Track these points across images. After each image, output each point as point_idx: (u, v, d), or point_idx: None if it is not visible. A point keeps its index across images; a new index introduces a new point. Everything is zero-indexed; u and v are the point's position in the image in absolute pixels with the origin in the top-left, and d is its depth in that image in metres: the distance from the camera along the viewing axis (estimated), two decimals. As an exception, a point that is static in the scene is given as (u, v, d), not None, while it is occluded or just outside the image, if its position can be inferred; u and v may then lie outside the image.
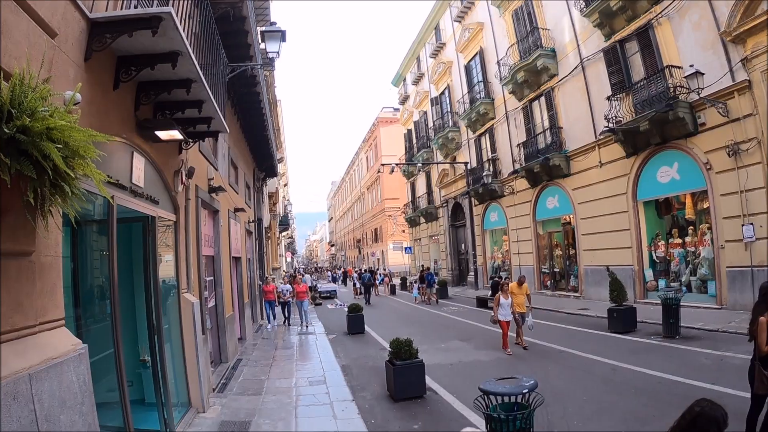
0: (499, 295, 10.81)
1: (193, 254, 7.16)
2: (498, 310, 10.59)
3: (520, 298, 11.04)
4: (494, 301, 10.92)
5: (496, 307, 10.68)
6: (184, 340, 6.40)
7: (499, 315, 10.55)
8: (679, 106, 12.95)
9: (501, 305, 10.62)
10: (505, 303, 10.64)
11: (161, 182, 6.10)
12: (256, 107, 13.01)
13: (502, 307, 10.60)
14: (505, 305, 10.62)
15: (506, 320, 10.54)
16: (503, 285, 11.11)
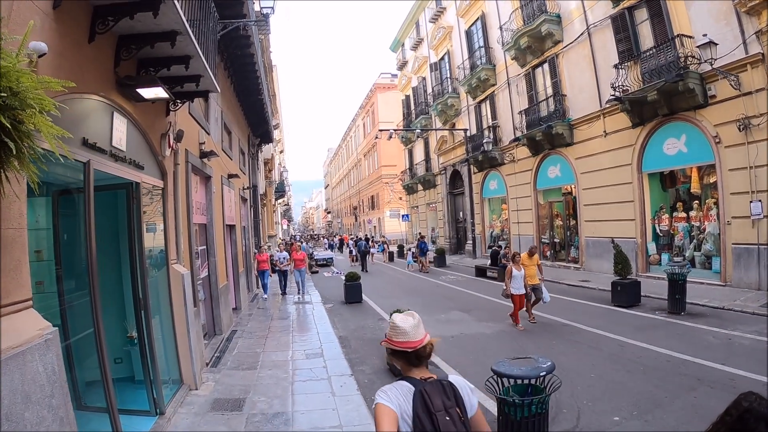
0: (510, 266, 10.08)
1: (183, 223, 6.77)
2: (510, 283, 9.89)
3: (531, 269, 10.36)
4: (506, 273, 10.12)
5: (508, 279, 9.94)
6: (174, 314, 6.07)
7: (512, 288, 9.87)
8: (689, 77, 12.46)
9: (513, 277, 9.89)
10: (518, 275, 9.92)
11: (146, 146, 5.66)
12: (250, 69, 12.45)
13: (515, 279, 9.89)
14: (518, 277, 9.92)
15: (519, 293, 9.91)
16: (515, 255, 10.40)
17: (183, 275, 6.04)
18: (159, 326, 6.09)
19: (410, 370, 2.25)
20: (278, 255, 16.36)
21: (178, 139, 6.55)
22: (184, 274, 6.09)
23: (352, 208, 68.96)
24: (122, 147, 4.78)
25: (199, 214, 8.50)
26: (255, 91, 13.98)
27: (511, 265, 10.07)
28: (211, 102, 9.63)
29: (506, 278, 10.04)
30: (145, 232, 5.25)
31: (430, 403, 2.07)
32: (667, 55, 13.40)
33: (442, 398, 2.11)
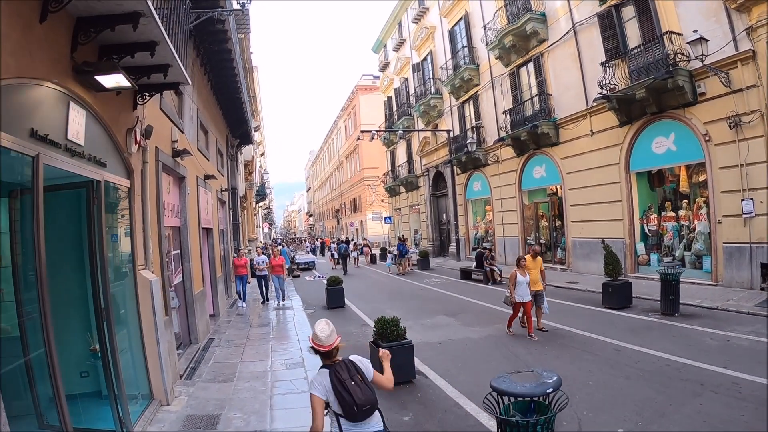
0: (515, 271, 9.20)
1: (153, 225, 6.28)
2: (515, 290, 9.05)
3: (534, 273, 9.43)
4: (510, 278, 9.28)
5: (512, 285, 9.11)
6: (143, 324, 5.57)
7: (517, 296, 9.01)
8: (678, 74, 12.29)
9: (518, 283, 9.03)
10: (523, 281, 9.05)
11: (110, 141, 5.17)
12: (228, 66, 11.96)
13: (520, 286, 9.02)
14: (523, 283, 9.05)
15: (524, 301, 9.02)
16: (520, 259, 9.47)
17: (151, 282, 5.55)
18: (126, 337, 5.60)
19: (326, 360, 3.42)
20: (257, 259, 15.41)
21: (147, 136, 6.06)
22: (153, 280, 5.59)
23: (334, 211, 68.37)
24: (80, 141, 4.30)
25: (172, 217, 8.00)
26: (233, 89, 13.47)
27: (516, 270, 9.23)
28: (186, 99, 9.13)
29: (510, 284, 9.26)
30: (106, 235, 4.75)
31: (339, 376, 3.23)
32: (655, 52, 13.23)
33: (346, 371, 3.28)
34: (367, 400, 3.22)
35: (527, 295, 9.05)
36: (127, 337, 5.58)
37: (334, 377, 3.23)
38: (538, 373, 3.72)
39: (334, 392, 3.21)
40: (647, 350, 7.63)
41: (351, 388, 3.19)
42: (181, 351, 8.23)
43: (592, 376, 6.64)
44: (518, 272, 9.14)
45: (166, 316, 6.46)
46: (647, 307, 10.90)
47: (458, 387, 6.42)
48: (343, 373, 3.26)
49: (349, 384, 3.21)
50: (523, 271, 9.19)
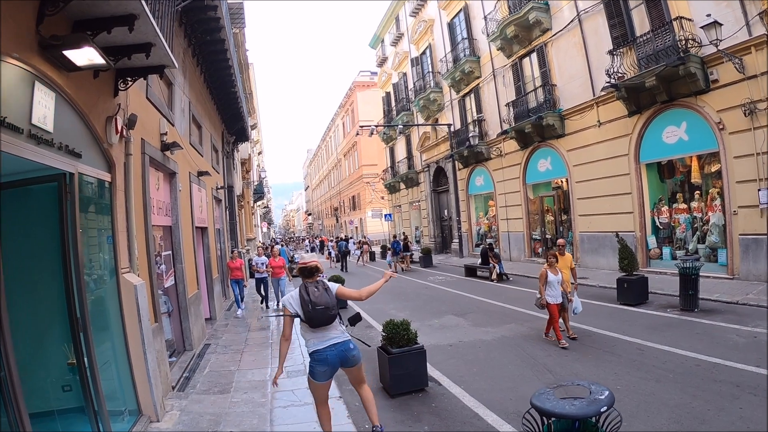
0: (545, 269, 8.22)
1: (139, 224, 5.74)
2: (545, 290, 8.13)
3: (564, 272, 8.55)
4: (540, 278, 8.26)
5: (542, 285, 8.14)
6: (128, 334, 5.04)
7: (548, 297, 8.09)
8: (690, 60, 11.83)
9: (549, 283, 8.13)
10: (554, 280, 8.14)
11: (86, 130, 4.63)
12: (222, 58, 11.44)
13: (551, 285, 8.13)
14: (555, 283, 8.14)
15: (557, 303, 8.09)
16: (549, 256, 8.44)
17: (136, 286, 5.00)
18: (111, 348, 5.07)
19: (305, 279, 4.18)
20: (257, 259, 14.29)
21: (131, 126, 5.51)
22: (138, 285, 5.05)
23: (333, 210, 67.85)
24: (47, 127, 3.76)
25: (161, 215, 7.45)
26: (228, 82, 12.94)
27: (546, 268, 8.24)
28: (176, 90, 8.59)
29: (540, 284, 8.24)
30: (81, 235, 4.21)
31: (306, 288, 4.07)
32: (665, 39, 12.71)
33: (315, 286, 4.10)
34: (322, 302, 3.98)
35: (560, 295, 8.15)
36: (111, 348, 5.05)
37: (304, 289, 4.09)
38: (584, 386, 3.18)
39: (300, 301, 4.03)
40: (673, 349, 7.14)
41: (311, 292, 4.03)
42: (174, 359, 7.71)
43: (620, 380, 6.11)
44: (549, 270, 8.17)
45: (155, 323, 5.92)
46: (664, 302, 10.44)
47: (476, 395, 5.88)
48: (311, 287, 4.12)
49: (311, 289, 4.06)
50: (555, 270, 8.24)
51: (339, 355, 4.10)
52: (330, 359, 4.07)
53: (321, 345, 4.06)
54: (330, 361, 4.08)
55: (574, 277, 8.98)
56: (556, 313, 8.03)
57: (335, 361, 4.13)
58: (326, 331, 4.04)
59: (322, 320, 3.98)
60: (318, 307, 3.93)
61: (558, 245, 9.51)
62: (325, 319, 3.98)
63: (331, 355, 4.06)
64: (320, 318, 3.96)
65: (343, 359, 4.15)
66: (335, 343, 4.07)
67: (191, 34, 9.96)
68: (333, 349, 4.07)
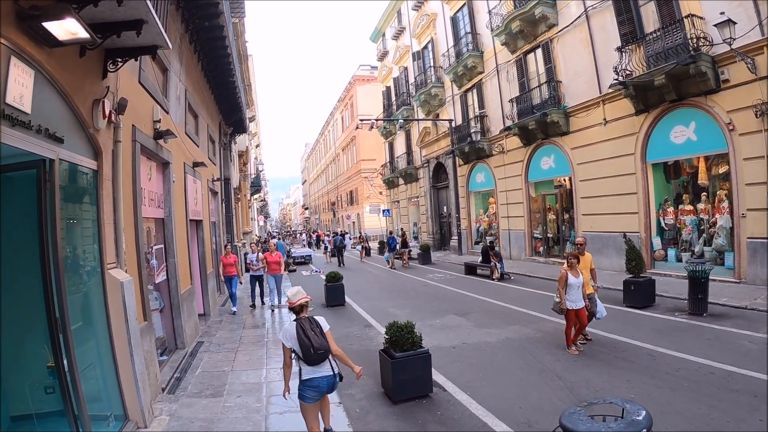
0: (565, 271, 7.51)
1: (128, 216, 5.39)
2: (565, 294, 7.43)
3: (584, 274, 7.85)
4: (559, 280, 7.58)
5: (562, 288, 7.44)
6: (113, 334, 4.69)
7: (568, 302, 7.40)
8: (701, 59, 11.49)
9: (569, 286, 7.42)
10: (575, 283, 7.42)
11: (70, 113, 4.27)
12: (220, 45, 11.05)
13: (571, 289, 7.41)
14: (576, 287, 7.43)
15: (577, 308, 7.42)
16: (570, 257, 7.71)
17: (123, 283, 4.66)
18: (95, 349, 4.73)
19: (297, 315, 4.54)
20: (251, 256, 13.36)
21: (120, 110, 5.16)
22: (124, 281, 4.70)
23: (330, 204, 67.47)
24: (24, 108, 3.41)
25: (153, 207, 7.09)
26: (226, 71, 12.55)
27: (566, 270, 7.54)
28: (171, 76, 8.21)
29: (560, 287, 7.51)
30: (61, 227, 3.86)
31: (303, 326, 4.36)
32: (674, 36, 12.40)
33: (309, 325, 4.41)
34: (321, 346, 4.29)
35: (580, 300, 7.46)
36: (96, 349, 4.71)
37: (299, 327, 4.34)
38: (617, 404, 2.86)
39: (297, 339, 4.29)
40: (685, 356, 6.85)
41: (311, 336, 4.29)
42: (165, 357, 7.38)
43: (633, 388, 5.81)
44: (569, 273, 7.47)
45: (144, 322, 5.58)
46: (671, 305, 10.15)
47: (483, 403, 5.56)
48: (306, 325, 4.39)
49: (310, 333, 4.30)
50: (576, 272, 7.55)
51: (328, 383, 4.44)
52: (321, 387, 4.41)
53: (315, 375, 4.37)
54: (321, 389, 4.42)
55: (594, 279, 8.36)
56: (573, 320, 7.46)
57: (325, 389, 4.46)
58: (321, 365, 4.36)
59: (320, 360, 4.32)
60: (319, 351, 4.27)
61: (577, 244, 8.67)
62: (322, 359, 4.33)
63: (322, 384, 4.40)
64: (319, 359, 4.31)
65: (330, 386, 4.49)
66: (327, 375, 4.39)
67: (188, 19, 9.57)
68: (324, 380, 4.40)
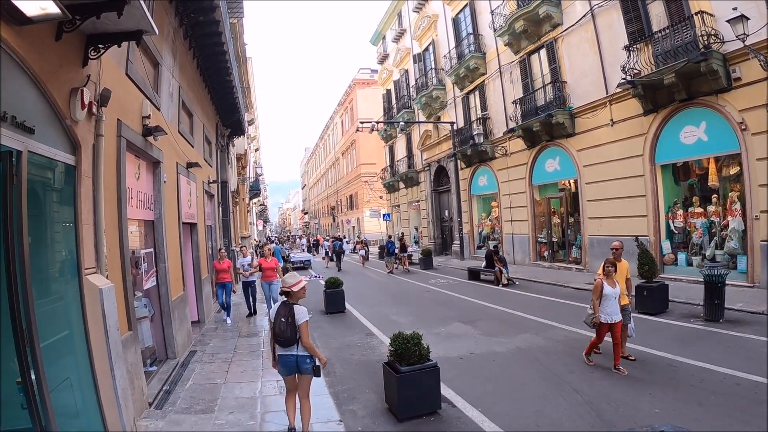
0: (600, 280, 6.70)
1: (110, 216, 4.97)
2: (600, 306, 6.63)
3: (620, 283, 7.01)
4: (594, 290, 6.75)
5: (596, 299, 6.64)
6: (92, 346, 4.26)
7: (603, 314, 6.59)
8: (713, 57, 11.15)
9: (605, 297, 6.59)
10: (611, 294, 6.60)
11: (43, 101, 3.86)
12: (216, 41, 10.65)
13: (607, 300, 6.58)
14: (612, 297, 6.60)
15: (613, 322, 6.59)
16: (607, 264, 6.83)
17: (102, 290, 4.23)
18: (74, 363, 4.29)
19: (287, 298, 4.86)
20: (241, 261, 12.23)
21: (103, 102, 4.75)
22: (104, 288, 4.27)
23: (330, 209, 67.07)
24: (-15, 92, 2.99)
25: (142, 208, 6.66)
26: (223, 70, 12.14)
27: (601, 278, 6.74)
28: (164, 71, 7.80)
29: (594, 298, 6.71)
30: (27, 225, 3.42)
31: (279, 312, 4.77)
32: (684, 34, 12.08)
33: (285, 312, 4.74)
34: (282, 334, 4.67)
35: (617, 313, 6.63)
36: (74, 362, 4.27)
37: (277, 311, 4.77)
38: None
39: (273, 321, 4.75)
40: (708, 365, 6.45)
41: (279, 323, 4.67)
42: (154, 368, 6.93)
43: (657, 402, 5.38)
44: (605, 282, 6.67)
45: (128, 332, 5.14)
46: (685, 311, 9.75)
47: (497, 421, 5.11)
48: (282, 310, 4.75)
49: (281, 320, 4.67)
50: (612, 281, 6.74)
51: (298, 362, 4.73)
52: (287, 364, 4.77)
53: (283, 353, 4.77)
54: (288, 366, 4.77)
55: (629, 289, 7.48)
56: (604, 335, 6.68)
57: (292, 367, 4.77)
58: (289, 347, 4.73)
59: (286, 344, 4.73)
60: (279, 338, 4.74)
61: (613, 249, 7.72)
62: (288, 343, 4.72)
63: (287, 362, 4.76)
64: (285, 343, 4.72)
65: (300, 366, 4.76)
66: (295, 354, 4.72)
67: (183, 13, 9.16)
68: (292, 357, 4.73)
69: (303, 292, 4.97)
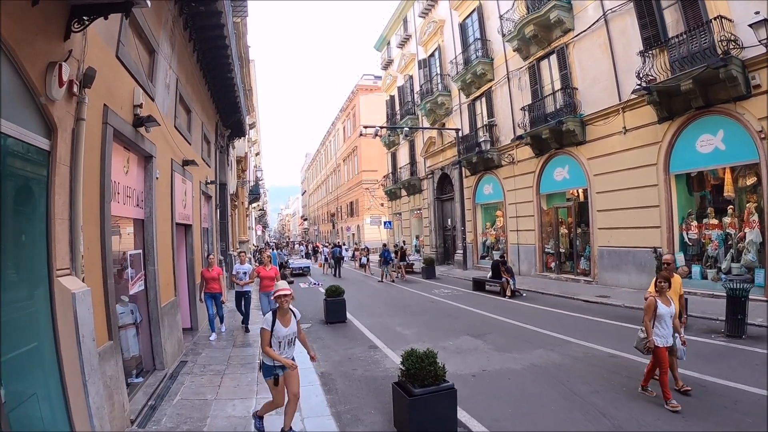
0: (653, 298, 5.80)
1: (91, 212, 4.43)
2: (653, 327, 5.74)
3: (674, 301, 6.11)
4: (646, 309, 5.84)
5: (649, 319, 5.74)
6: (62, 356, 3.71)
7: (657, 337, 5.68)
8: (732, 63, 10.71)
9: (659, 317, 5.72)
10: (666, 313, 5.73)
11: (12, 72, 3.34)
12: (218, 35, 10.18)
13: (662, 321, 5.72)
14: (667, 318, 5.74)
15: (668, 345, 5.72)
16: (660, 280, 5.88)
17: (75, 294, 3.68)
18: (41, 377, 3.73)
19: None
20: (237, 267, 10.91)
21: (87, 83, 4.23)
22: (78, 292, 3.72)
23: (330, 215, 66.51)
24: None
25: (131, 206, 6.12)
26: (224, 65, 11.66)
27: (655, 296, 5.84)
28: (160, 60, 7.29)
29: (646, 317, 5.79)
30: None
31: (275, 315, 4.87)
32: (701, 40, 11.65)
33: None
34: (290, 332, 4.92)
35: (671, 335, 5.80)
36: (42, 376, 3.72)
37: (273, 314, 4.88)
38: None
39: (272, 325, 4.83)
40: (738, 385, 5.97)
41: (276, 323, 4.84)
42: (140, 380, 6.37)
43: (692, 427, 4.86)
44: (659, 300, 5.78)
45: (108, 341, 4.59)
46: (704, 327, 9.26)
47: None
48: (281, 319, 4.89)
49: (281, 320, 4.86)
50: (667, 299, 5.86)
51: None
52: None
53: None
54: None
55: (683, 308, 6.65)
56: (667, 361, 5.68)
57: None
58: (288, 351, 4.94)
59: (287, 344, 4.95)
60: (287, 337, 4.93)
61: (665, 263, 6.81)
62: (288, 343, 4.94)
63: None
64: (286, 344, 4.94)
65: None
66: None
67: (183, 4, 8.69)
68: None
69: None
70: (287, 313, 4.89)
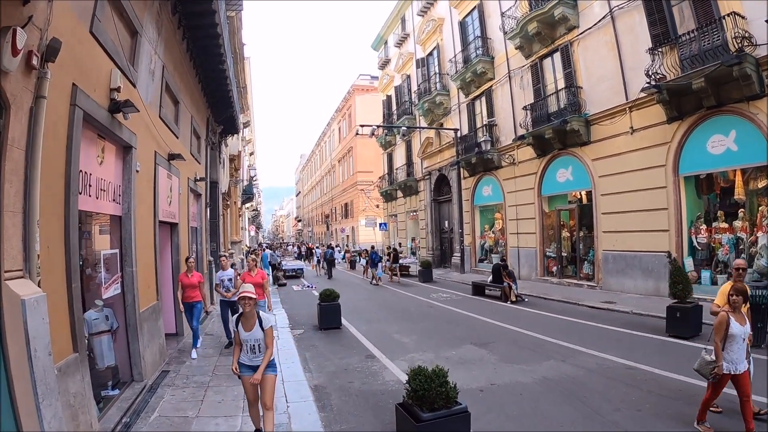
0: (725, 314, 4.83)
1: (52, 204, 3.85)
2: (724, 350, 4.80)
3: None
4: (716, 327, 4.88)
5: (719, 339, 4.81)
6: (12, 375, 3.13)
7: (726, 362, 4.77)
8: (746, 61, 10.29)
9: (730, 337, 4.78)
10: (739, 334, 4.80)
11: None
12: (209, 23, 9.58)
13: (734, 342, 4.79)
14: (740, 339, 4.81)
15: (738, 372, 4.77)
16: (734, 293, 4.90)
17: (25, 301, 3.10)
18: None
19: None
20: (221, 275, 9.25)
21: (50, 56, 3.66)
22: (28, 298, 3.14)
23: (324, 217, 65.88)
24: None
25: (106, 200, 5.52)
26: (216, 56, 11.09)
27: (728, 312, 4.87)
28: (143, 43, 6.71)
29: (716, 338, 4.85)
30: None
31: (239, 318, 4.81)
32: (712, 37, 11.22)
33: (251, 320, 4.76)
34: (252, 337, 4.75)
35: (743, 360, 4.81)
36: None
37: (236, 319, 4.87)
38: None
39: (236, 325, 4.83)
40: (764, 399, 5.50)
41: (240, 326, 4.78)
42: (116, 392, 5.77)
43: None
44: (732, 317, 4.84)
45: (72, 354, 4.01)
46: (718, 336, 8.68)
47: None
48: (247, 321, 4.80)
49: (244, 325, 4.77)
50: (742, 316, 4.94)
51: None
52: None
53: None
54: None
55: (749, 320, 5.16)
56: (723, 387, 4.95)
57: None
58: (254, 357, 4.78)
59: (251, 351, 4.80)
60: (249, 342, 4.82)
61: (740, 269, 5.86)
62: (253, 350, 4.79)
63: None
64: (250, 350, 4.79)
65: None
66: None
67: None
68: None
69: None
70: (252, 317, 4.72)
